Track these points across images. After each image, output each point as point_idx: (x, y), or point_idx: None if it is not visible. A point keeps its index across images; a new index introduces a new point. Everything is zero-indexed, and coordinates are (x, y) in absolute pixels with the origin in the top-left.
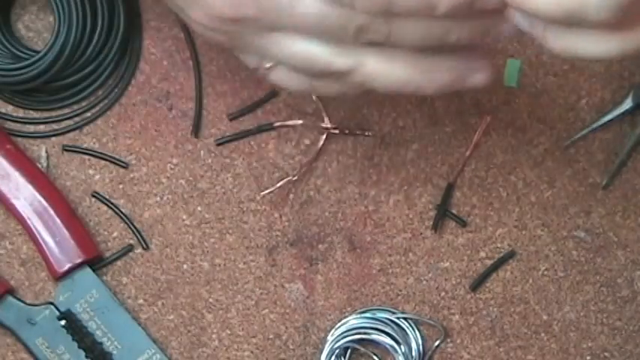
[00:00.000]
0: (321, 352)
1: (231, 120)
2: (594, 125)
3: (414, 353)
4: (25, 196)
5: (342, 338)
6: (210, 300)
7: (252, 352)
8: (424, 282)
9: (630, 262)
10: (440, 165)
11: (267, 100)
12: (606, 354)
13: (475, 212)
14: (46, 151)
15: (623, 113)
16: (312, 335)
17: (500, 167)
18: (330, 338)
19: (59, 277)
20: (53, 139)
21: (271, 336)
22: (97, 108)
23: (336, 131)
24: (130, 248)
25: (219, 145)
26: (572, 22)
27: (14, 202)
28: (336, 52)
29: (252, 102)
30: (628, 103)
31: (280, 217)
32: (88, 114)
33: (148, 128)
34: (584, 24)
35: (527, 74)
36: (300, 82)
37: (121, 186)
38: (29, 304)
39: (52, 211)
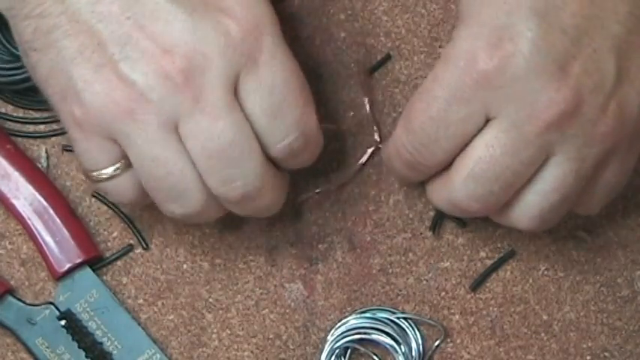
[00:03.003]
0: (321, 352)
1: None
2: None
3: (414, 353)
4: (25, 196)
5: (342, 338)
6: (210, 300)
7: (252, 352)
8: (424, 282)
9: (630, 262)
10: None
11: None
12: (606, 354)
13: None
14: (46, 151)
15: None
16: (312, 335)
17: None
18: (330, 338)
19: (59, 277)
20: (53, 139)
21: (271, 336)
22: None
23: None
24: (130, 248)
25: None
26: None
27: (14, 202)
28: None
29: None
30: None
31: (280, 217)
32: None
33: None
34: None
35: None
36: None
37: None
38: (29, 304)
39: (52, 211)
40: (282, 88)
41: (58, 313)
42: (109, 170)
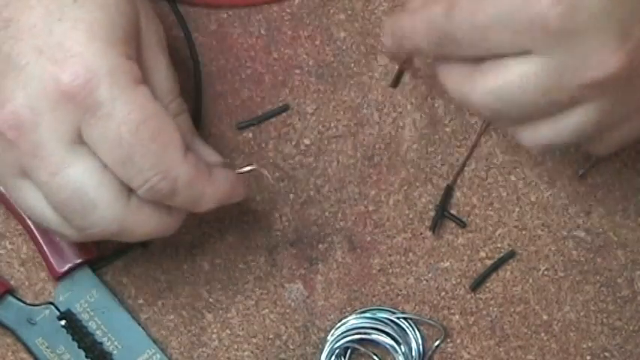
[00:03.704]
0: (321, 352)
1: (239, 129)
2: None
3: (414, 353)
4: None
5: (342, 338)
6: (210, 300)
7: (252, 352)
8: (424, 282)
9: (630, 262)
10: (440, 165)
11: (278, 113)
12: (606, 354)
13: (475, 212)
14: None
15: None
16: (312, 335)
17: (500, 167)
18: (330, 338)
19: (59, 277)
20: None
21: (271, 336)
22: None
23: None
24: (130, 248)
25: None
26: None
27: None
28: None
29: (262, 113)
30: None
31: (280, 217)
32: None
33: None
34: None
35: None
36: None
37: None
38: (29, 304)
39: None
40: (129, 140)
41: (58, 313)
42: None
